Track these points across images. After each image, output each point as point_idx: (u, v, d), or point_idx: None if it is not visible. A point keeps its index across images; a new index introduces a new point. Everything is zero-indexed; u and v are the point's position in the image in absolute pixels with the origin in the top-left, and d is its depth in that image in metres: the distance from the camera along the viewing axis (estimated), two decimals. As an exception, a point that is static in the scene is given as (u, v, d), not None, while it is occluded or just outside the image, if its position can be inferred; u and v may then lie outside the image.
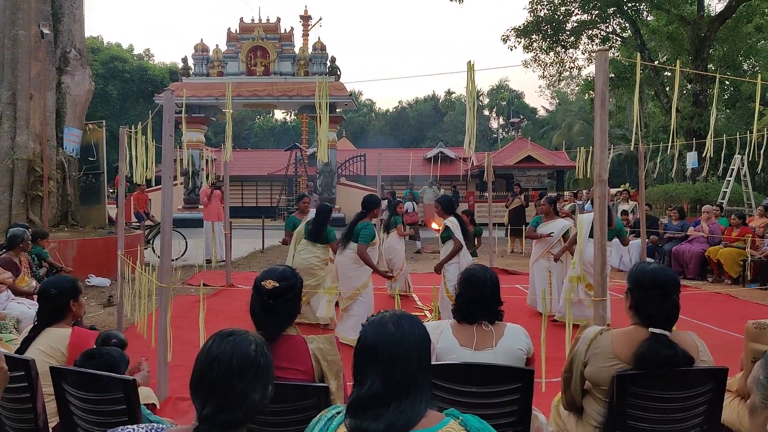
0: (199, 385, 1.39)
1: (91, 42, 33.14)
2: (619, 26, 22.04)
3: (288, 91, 19.36)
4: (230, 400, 1.36)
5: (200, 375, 1.39)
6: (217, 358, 1.38)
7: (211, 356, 1.39)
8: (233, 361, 1.39)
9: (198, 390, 1.39)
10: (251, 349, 1.43)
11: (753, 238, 8.95)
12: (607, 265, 6.76)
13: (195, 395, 1.40)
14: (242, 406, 1.38)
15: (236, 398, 1.37)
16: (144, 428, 1.46)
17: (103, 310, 7.16)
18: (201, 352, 1.43)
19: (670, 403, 2.16)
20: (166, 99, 3.99)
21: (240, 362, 1.39)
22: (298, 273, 2.37)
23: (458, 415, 1.46)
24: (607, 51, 3.39)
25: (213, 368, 1.37)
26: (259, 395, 1.42)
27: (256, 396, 1.41)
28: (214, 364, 1.38)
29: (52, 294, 2.82)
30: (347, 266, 5.74)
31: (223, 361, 1.38)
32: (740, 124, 22.45)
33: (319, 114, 5.26)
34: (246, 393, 1.38)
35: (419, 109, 57.39)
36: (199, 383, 1.39)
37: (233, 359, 1.39)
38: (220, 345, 1.41)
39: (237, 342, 1.42)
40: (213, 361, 1.38)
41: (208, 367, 1.38)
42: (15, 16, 9.64)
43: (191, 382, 1.41)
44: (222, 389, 1.36)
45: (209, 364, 1.38)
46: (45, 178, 9.39)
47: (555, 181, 27.08)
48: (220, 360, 1.38)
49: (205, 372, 1.38)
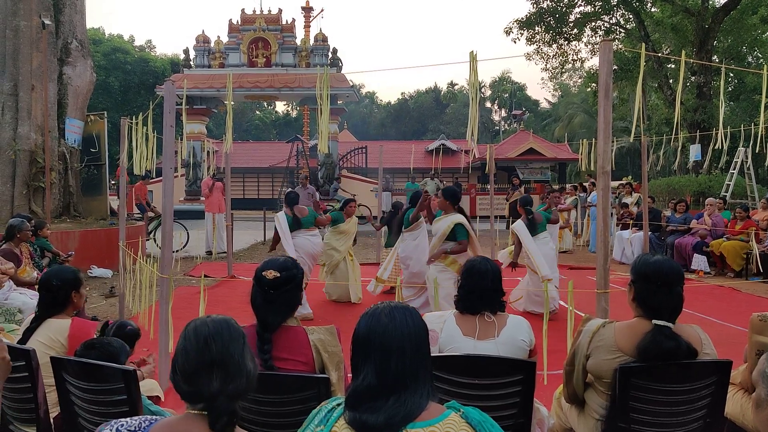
0: (200, 370, 1.38)
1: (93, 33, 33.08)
2: (622, 18, 21.90)
3: (289, 83, 19.29)
4: (233, 369, 1.40)
5: (198, 360, 1.39)
6: (209, 335, 1.42)
7: (204, 337, 1.42)
8: (224, 333, 1.43)
9: (199, 374, 1.38)
10: (233, 323, 1.50)
11: (756, 231, 8.92)
12: (553, 259, 6.86)
13: (195, 380, 1.38)
14: (243, 374, 1.42)
15: (237, 366, 1.41)
16: (137, 420, 1.45)
17: (105, 301, 7.18)
18: (188, 343, 1.42)
19: (673, 395, 2.15)
20: (166, 90, 3.97)
21: (229, 332, 1.44)
22: (298, 264, 2.36)
23: (459, 407, 1.45)
24: (612, 41, 3.35)
25: (209, 345, 1.40)
26: (252, 364, 1.46)
27: (250, 365, 1.45)
28: (209, 341, 1.41)
29: (53, 285, 2.81)
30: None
31: (216, 335, 1.42)
32: (744, 116, 22.35)
33: (320, 105, 5.24)
34: (243, 361, 1.43)
35: (421, 101, 57.21)
36: (199, 367, 1.39)
37: (223, 331, 1.44)
38: (205, 326, 1.44)
39: (217, 320, 1.48)
40: (207, 339, 1.41)
41: (205, 346, 1.40)
42: (16, 7, 9.60)
43: (185, 375, 1.40)
44: (223, 361, 1.39)
45: (204, 343, 1.40)
46: (47, 169, 9.39)
47: (557, 173, 27.01)
48: (213, 336, 1.41)
49: (203, 353, 1.39)
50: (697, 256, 9.41)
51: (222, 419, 1.36)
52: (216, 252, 11.02)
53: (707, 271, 9.31)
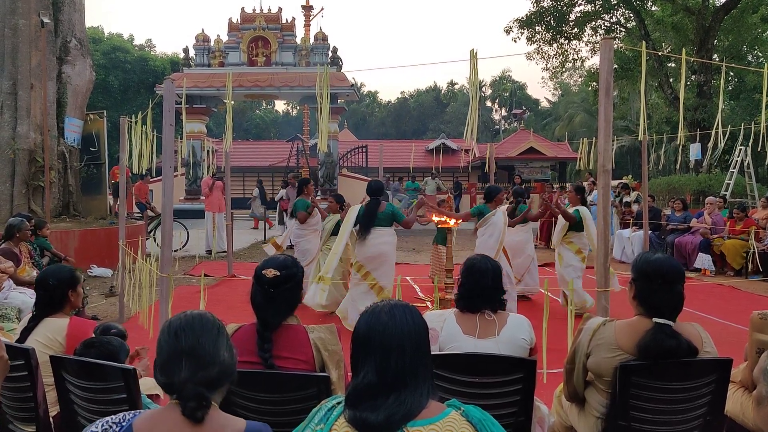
0: (171, 360, 1.44)
1: (92, 32, 33.03)
2: (623, 17, 21.87)
3: (289, 82, 19.27)
4: (202, 358, 1.44)
5: (170, 351, 1.45)
6: (180, 327, 1.48)
7: (174, 329, 1.48)
8: (195, 324, 1.48)
9: (171, 364, 1.44)
10: (208, 316, 1.54)
11: (756, 230, 8.92)
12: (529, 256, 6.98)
13: (167, 371, 1.44)
14: (215, 363, 1.46)
15: (207, 355, 1.45)
16: (120, 414, 1.49)
17: (105, 300, 7.17)
18: (162, 336, 1.49)
19: (674, 393, 2.15)
20: (166, 89, 3.96)
21: (201, 324, 1.49)
22: (299, 262, 2.36)
23: (460, 405, 1.45)
24: (612, 40, 3.35)
25: (180, 337, 1.45)
26: (228, 354, 1.50)
27: (225, 354, 1.49)
28: (179, 333, 1.46)
29: (50, 284, 2.80)
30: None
31: (187, 327, 1.47)
32: (744, 115, 22.32)
33: (320, 104, 5.23)
34: (216, 350, 1.47)
35: (421, 100, 57.17)
36: (169, 358, 1.45)
37: (194, 323, 1.49)
38: (178, 320, 1.50)
39: (191, 314, 1.53)
40: (178, 331, 1.47)
41: (175, 339, 1.46)
42: (15, 5, 9.58)
43: (160, 366, 1.46)
44: (192, 350, 1.44)
45: (174, 336, 1.46)
46: (46, 168, 9.38)
47: (557, 172, 27.00)
48: (184, 328, 1.47)
49: (173, 345, 1.45)
50: (701, 255, 9.40)
51: (190, 404, 1.40)
52: (216, 251, 11.01)
53: (713, 270, 9.30)
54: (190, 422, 1.40)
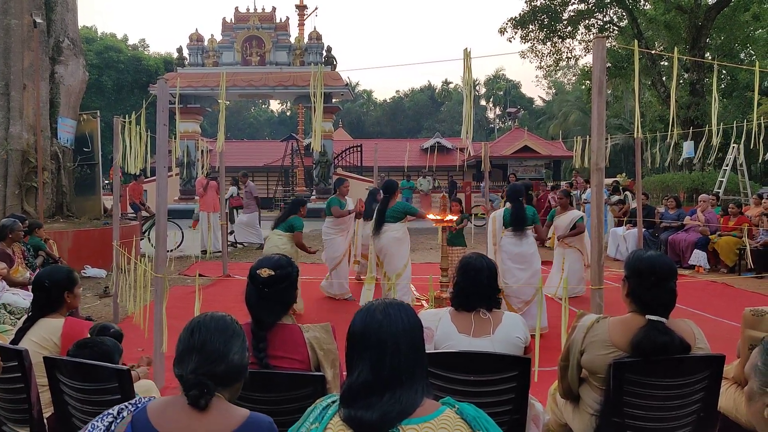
0: (183, 354, 1.53)
1: (85, 32, 32.87)
2: (616, 15, 21.95)
3: (284, 81, 19.24)
4: (210, 355, 1.52)
5: (184, 346, 1.54)
6: (197, 325, 1.57)
7: (191, 327, 1.57)
8: (211, 324, 1.57)
9: (183, 357, 1.53)
10: (227, 317, 1.63)
11: (749, 227, 8.97)
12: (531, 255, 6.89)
13: (180, 364, 1.53)
14: (223, 361, 1.53)
15: (216, 352, 1.53)
16: (134, 400, 1.58)
17: (99, 301, 7.14)
18: (181, 332, 1.59)
19: (667, 390, 2.16)
20: (160, 89, 3.95)
21: (216, 324, 1.58)
22: (293, 262, 2.36)
23: (454, 403, 1.45)
24: (605, 38, 3.36)
25: (194, 334, 1.55)
26: (239, 356, 1.57)
27: (236, 356, 1.56)
28: (194, 330, 1.56)
29: (46, 285, 2.79)
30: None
31: (203, 325, 1.57)
32: (737, 113, 22.44)
33: (314, 103, 5.23)
34: (226, 350, 1.54)
35: (416, 99, 57.20)
36: (183, 352, 1.53)
37: (211, 322, 1.58)
38: (198, 319, 1.60)
39: (213, 314, 1.63)
40: (194, 329, 1.56)
41: (190, 335, 1.55)
42: (7, 5, 9.52)
43: (176, 360, 1.55)
44: (202, 346, 1.53)
45: (190, 332, 1.56)
46: (39, 168, 9.32)
47: (552, 170, 27.09)
48: (200, 326, 1.56)
49: (188, 340, 1.54)
50: (697, 252, 9.44)
51: (192, 392, 1.48)
52: (210, 251, 10.98)
53: (707, 267, 9.35)
54: (195, 410, 1.48)
